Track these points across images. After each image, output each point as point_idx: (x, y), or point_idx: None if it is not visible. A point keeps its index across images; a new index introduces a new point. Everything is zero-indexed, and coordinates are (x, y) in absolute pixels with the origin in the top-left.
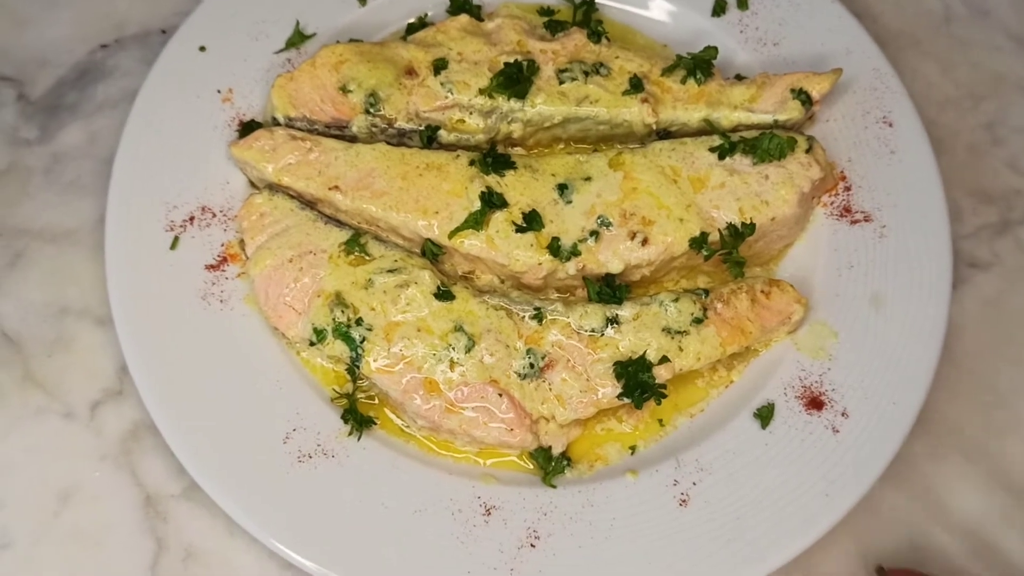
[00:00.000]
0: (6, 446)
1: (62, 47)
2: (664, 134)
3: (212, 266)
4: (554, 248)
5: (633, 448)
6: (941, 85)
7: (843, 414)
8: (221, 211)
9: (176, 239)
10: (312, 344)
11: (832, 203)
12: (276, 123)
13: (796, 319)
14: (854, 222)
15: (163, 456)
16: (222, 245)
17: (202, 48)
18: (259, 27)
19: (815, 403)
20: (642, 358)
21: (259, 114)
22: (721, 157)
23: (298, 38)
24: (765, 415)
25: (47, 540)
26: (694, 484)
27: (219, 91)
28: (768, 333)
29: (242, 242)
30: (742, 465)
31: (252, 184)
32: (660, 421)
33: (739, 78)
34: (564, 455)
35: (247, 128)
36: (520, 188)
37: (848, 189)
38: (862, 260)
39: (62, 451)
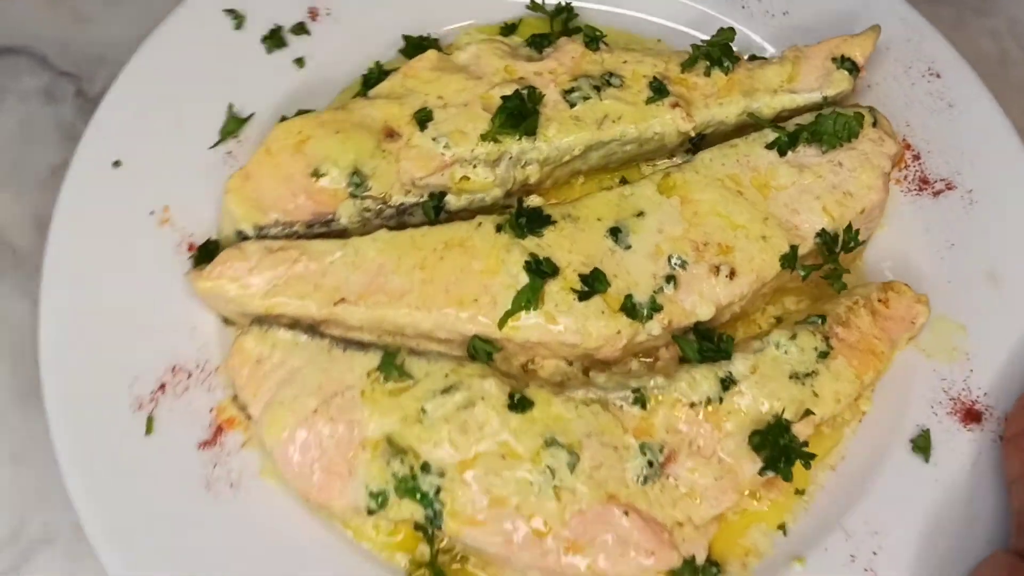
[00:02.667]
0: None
1: (122, 45)
2: (698, 140)
3: (207, 442)
4: (629, 308)
5: (783, 527)
6: None
7: (1008, 419)
8: (197, 367)
9: (150, 420)
10: (372, 512)
11: (905, 177)
12: (243, 236)
13: (920, 322)
14: (936, 193)
15: None
16: (211, 411)
17: (116, 163)
18: (179, 120)
19: (972, 415)
20: (780, 421)
21: (213, 230)
22: (782, 153)
23: (233, 124)
24: (923, 445)
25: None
26: (875, 553)
27: (152, 213)
28: (895, 348)
29: (235, 398)
30: (921, 512)
31: (226, 321)
32: (797, 491)
33: (753, 59)
34: (711, 561)
35: (205, 252)
36: (567, 245)
37: (917, 157)
38: (961, 234)
39: None
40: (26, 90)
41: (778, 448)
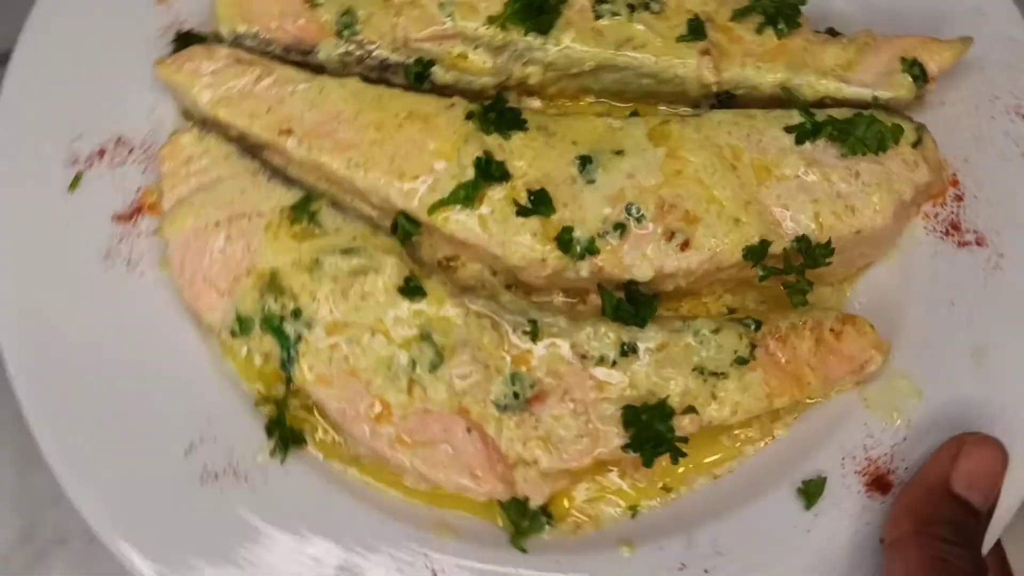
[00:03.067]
0: None
1: None
2: (726, 98)
3: (122, 216)
4: (564, 241)
5: (634, 509)
6: None
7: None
8: (142, 146)
9: (79, 176)
10: (234, 335)
11: (936, 215)
12: (218, 39)
13: (871, 369)
14: (962, 244)
15: None
16: (138, 190)
17: None
18: None
19: (880, 484)
20: (662, 404)
21: (204, 24)
22: (799, 141)
23: None
24: (812, 491)
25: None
26: (706, 572)
27: None
28: (831, 384)
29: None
30: (774, 555)
31: (186, 115)
32: (664, 486)
33: (832, 33)
34: (544, 510)
35: (183, 41)
36: (529, 156)
37: (959, 199)
38: (967, 297)
39: None
40: None
41: (649, 431)
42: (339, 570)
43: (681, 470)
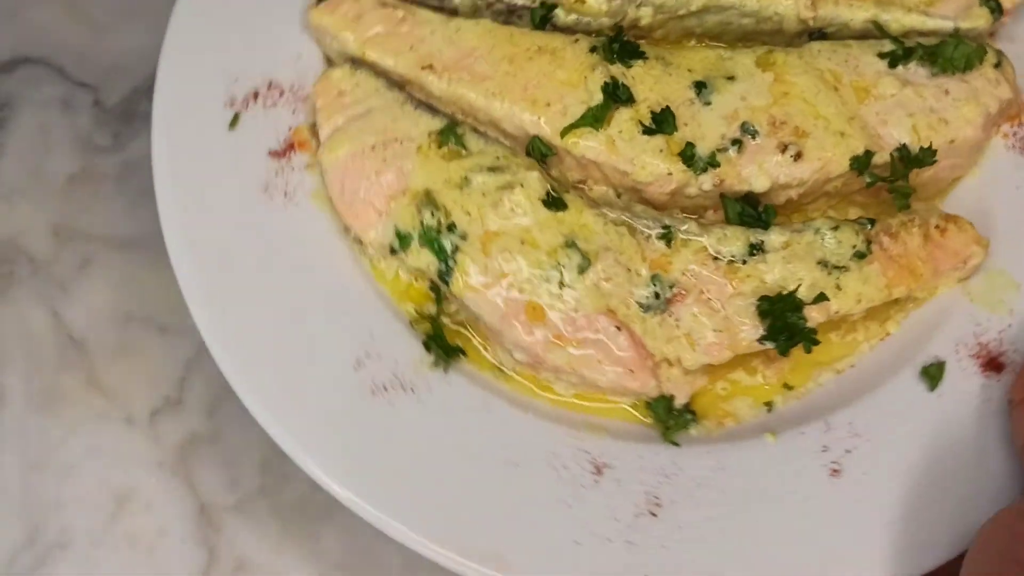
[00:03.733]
0: (68, 447)
1: (139, 56)
2: (818, 36)
3: (277, 153)
4: (688, 156)
5: (769, 404)
6: None
7: (1015, 384)
8: (290, 89)
9: (236, 116)
10: (393, 252)
11: (1015, 134)
12: None
13: (973, 263)
14: None
15: (218, 467)
16: (289, 129)
17: None
18: None
19: (993, 364)
20: (792, 295)
21: None
22: (892, 64)
23: None
24: (934, 374)
25: (103, 543)
26: (848, 452)
27: None
28: (939, 276)
29: (313, 127)
30: (907, 432)
31: (329, 62)
32: (794, 384)
33: None
34: (688, 407)
35: None
36: (650, 82)
37: None
38: None
39: (121, 456)
40: (44, 100)
41: (783, 320)
42: (507, 463)
43: (806, 368)
